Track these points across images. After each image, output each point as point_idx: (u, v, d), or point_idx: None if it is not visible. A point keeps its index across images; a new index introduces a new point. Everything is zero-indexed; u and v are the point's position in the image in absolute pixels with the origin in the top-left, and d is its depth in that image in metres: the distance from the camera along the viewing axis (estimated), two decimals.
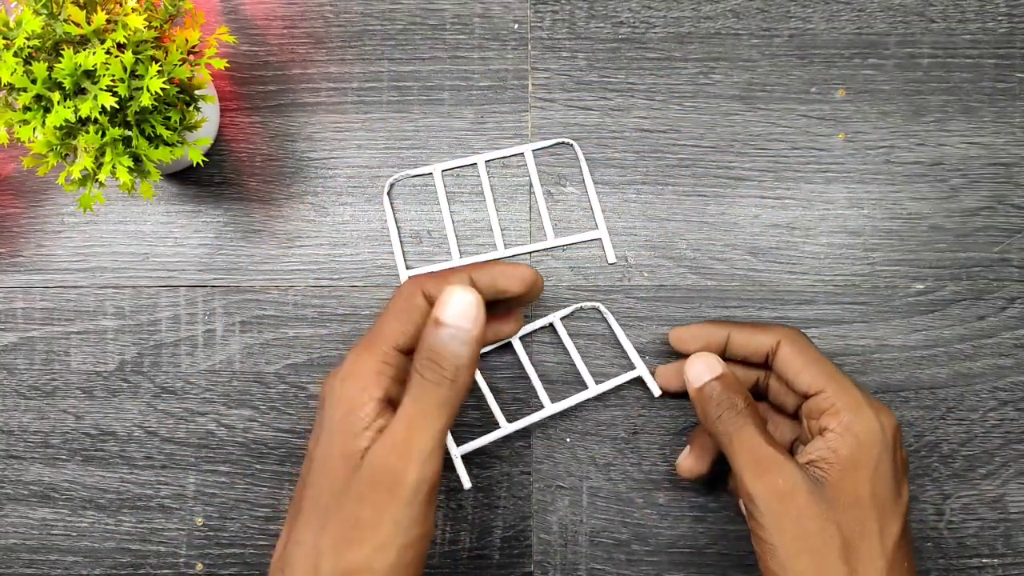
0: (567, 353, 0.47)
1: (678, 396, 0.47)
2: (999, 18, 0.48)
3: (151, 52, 0.39)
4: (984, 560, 0.46)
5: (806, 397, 0.40)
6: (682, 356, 0.45)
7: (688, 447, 0.45)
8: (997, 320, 0.47)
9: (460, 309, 0.36)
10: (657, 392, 0.46)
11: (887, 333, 0.47)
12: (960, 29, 0.48)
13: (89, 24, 0.38)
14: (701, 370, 0.41)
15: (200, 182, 0.48)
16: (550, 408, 0.46)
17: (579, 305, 0.47)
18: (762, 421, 0.40)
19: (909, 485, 0.46)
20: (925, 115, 0.48)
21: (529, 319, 0.47)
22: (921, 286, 0.47)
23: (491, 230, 0.48)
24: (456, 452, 0.45)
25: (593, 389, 0.46)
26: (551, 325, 0.47)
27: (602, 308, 0.47)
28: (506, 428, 0.46)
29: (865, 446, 0.38)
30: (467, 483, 0.45)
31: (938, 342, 0.47)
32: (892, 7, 0.48)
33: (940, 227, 0.47)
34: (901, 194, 0.47)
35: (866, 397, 0.39)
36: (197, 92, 0.42)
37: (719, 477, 0.45)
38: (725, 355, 0.44)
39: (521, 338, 0.47)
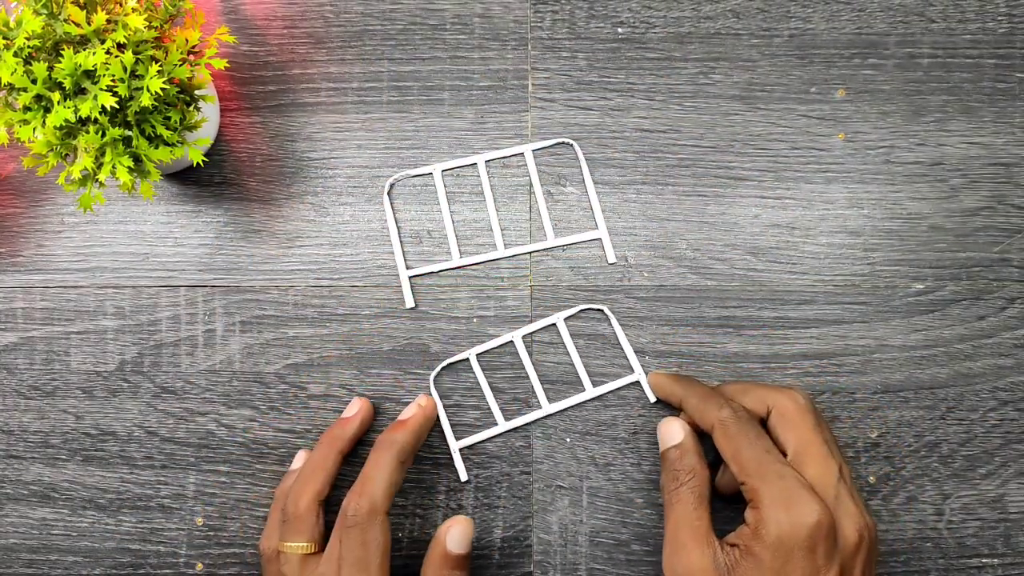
0: (568, 353, 0.47)
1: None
2: (999, 18, 0.48)
3: (151, 52, 0.39)
4: (984, 560, 0.46)
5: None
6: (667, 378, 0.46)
7: (722, 466, 0.45)
8: (997, 320, 0.47)
9: (464, 540, 0.41)
10: (653, 398, 0.46)
11: (887, 333, 0.47)
12: (960, 29, 0.48)
13: (89, 24, 0.38)
14: (666, 435, 0.43)
15: (200, 182, 0.48)
16: (547, 408, 0.46)
17: (585, 306, 0.47)
18: (701, 497, 0.40)
19: (901, 493, 0.46)
20: (925, 115, 0.48)
21: (532, 319, 0.47)
22: (921, 286, 0.47)
23: (491, 230, 0.48)
24: (455, 446, 0.46)
25: (590, 391, 0.46)
26: (554, 325, 0.47)
27: (607, 311, 0.47)
28: (503, 425, 0.46)
29: (770, 548, 0.37)
30: (464, 475, 0.46)
31: (938, 342, 0.47)
32: (892, 7, 0.48)
33: (940, 227, 0.47)
34: (901, 194, 0.47)
35: (787, 492, 0.38)
36: (197, 92, 0.42)
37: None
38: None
39: (523, 337, 0.47)
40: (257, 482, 0.47)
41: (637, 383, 0.47)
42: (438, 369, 0.47)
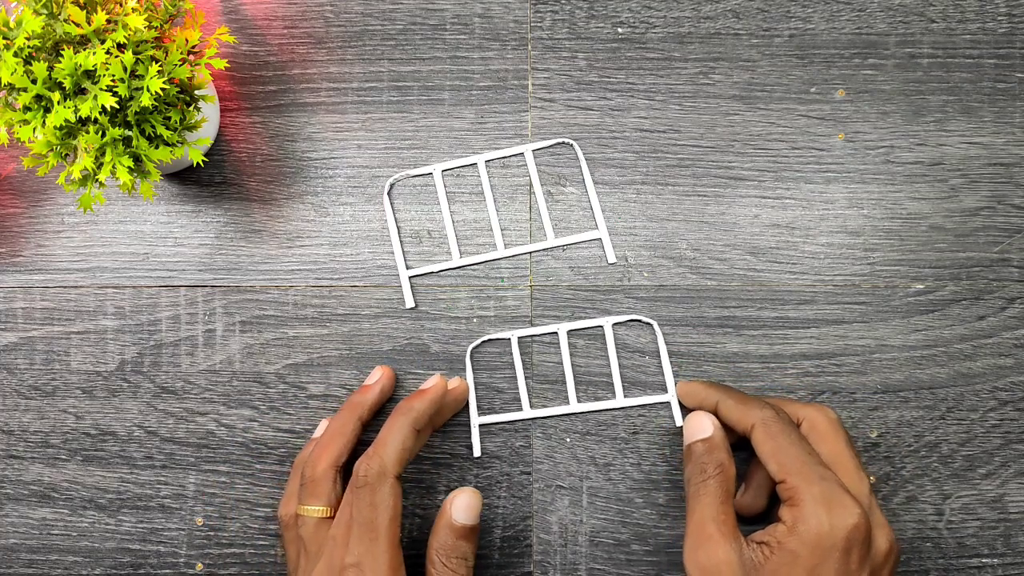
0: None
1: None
2: (999, 18, 0.48)
3: (151, 52, 0.39)
4: (984, 560, 0.46)
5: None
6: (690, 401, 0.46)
7: (744, 485, 0.45)
8: (997, 320, 0.47)
9: (471, 511, 0.41)
10: (680, 422, 0.46)
11: (887, 333, 0.47)
12: (960, 29, 0.48)
13: (89, 24, 0.38)
14: (694, 429, 0.43)
15: (200, 182, 0.48)
16: (575, 406, 0.46)
17: (635, 317, 0.47)
18: (728, 492, 0.40)
19: (901, 493, 0.46)
20: (925, 115, 0.48)
21: (532, 319, 0.47)
22: (921, 286, 0.47)
23: (491, 230, 0.48)
24: (476, 421, 0.47)
25: (620, 400, 0.46)
26: (589, 329, 0.47)
27: (656, 327, 0.47)
28: (528, 412, 0.46)
29: (807, 545, 0.37)
30: (478, 451, 0.47)
31: (938, 342, 0.47)
32: (892, 7, 0.48)
33: (940, 227, 0.47)
34: (901, 194, 0.47)
35: (829, 493, 0.38)
36: (197, 92, 0.42)
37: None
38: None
39: (557, 334, 0.47)
40: (257, 482, 0.47)
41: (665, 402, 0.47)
42: (477, 343, 0.47)
